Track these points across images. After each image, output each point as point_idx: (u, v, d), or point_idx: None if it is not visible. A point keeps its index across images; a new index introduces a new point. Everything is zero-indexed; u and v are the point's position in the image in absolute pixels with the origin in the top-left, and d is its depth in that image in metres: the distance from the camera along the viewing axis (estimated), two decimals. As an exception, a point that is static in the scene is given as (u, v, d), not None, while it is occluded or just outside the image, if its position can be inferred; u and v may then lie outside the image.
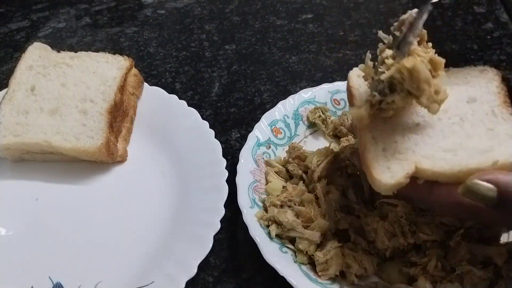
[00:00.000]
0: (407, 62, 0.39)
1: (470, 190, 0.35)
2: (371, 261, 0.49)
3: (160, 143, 0.63)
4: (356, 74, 0.48)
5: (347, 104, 0.65)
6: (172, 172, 0.60)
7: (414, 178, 0.40)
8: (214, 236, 0.51)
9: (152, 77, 0.76)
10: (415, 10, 0.42)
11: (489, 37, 0.80)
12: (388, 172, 0.40)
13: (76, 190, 0.59)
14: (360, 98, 0.47)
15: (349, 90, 0.48)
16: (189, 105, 0.65)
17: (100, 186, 0.60)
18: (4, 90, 0.63)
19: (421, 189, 0.40)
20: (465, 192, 0.35)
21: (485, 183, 0.34)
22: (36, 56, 0.65)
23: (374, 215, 0.50)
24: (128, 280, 0.50)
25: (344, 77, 0.72)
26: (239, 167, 0.55)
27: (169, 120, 0.64)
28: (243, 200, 0.52)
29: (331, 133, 0.63)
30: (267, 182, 0.57)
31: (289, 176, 0.58)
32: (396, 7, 0.88)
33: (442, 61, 0.42)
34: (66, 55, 0.66)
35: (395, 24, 0.43)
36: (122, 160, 0.62)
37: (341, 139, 0.61)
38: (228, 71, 0.77)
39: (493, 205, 0.34)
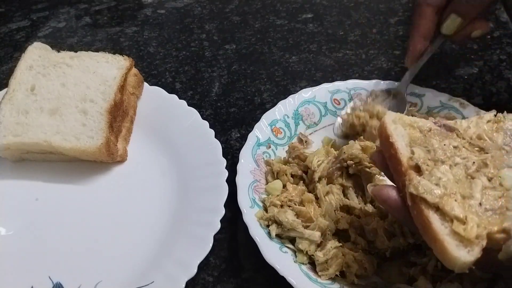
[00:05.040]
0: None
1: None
2: (371, 261, 0.49)
3: (160, 143, 0.63)
4: (391, 120, 0.43)
5: (347, 103, 0.65)
6: (172, 172, 0.60)
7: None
8: (214, 236, 0.51)
9: (152, 77, 0.76)
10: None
11: (489, 37, 0.80)
12: (463, 249, 0.35)
13: (76, 190, 0.59)
14: (406, 150, 0.41)
15: (386, 139, 0.42)
16: (189, 105, 0.65)
17: (100, 186, 0.60)
18: (4, 90, 0.63)
19: None
20: (504, 256, 0.36)
21: None
22: (36, 56, 0.65)
23: (374, 215, 0.50)
24: (128, 280, 0.50)
25: (344, 77, 0.73)
26: (239, 167, 0.55)
27: (169, 120, 0.64)
28: (243, 200, 0.52)
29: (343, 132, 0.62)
30: (267, 182, 0.57)
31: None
32: (396, 7, 0.88)
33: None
34: (66, 55, 0.66)
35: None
36: (122, 160, 0.62)
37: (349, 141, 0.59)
38: (228, 71, 0.77)
39: None
